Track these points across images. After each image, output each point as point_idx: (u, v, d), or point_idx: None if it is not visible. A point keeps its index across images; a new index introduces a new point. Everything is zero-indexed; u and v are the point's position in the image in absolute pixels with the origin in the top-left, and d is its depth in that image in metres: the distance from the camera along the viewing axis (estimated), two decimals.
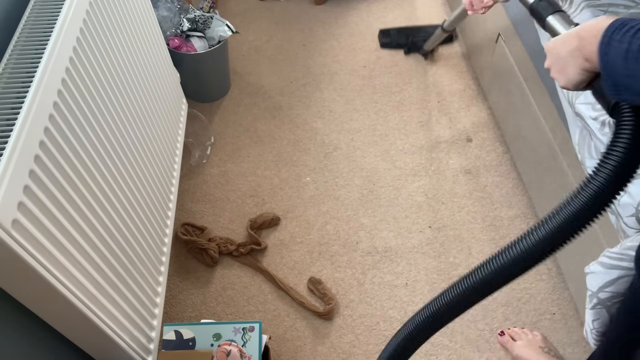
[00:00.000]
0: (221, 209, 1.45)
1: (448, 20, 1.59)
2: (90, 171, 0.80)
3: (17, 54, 0.73)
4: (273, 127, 1.65)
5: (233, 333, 1.00)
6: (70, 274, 0.72)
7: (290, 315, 1.25)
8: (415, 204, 1.45)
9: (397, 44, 1.87)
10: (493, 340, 1.20)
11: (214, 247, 1.32)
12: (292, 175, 1.53)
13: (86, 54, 0.83)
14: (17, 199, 0.60)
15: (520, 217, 1.40)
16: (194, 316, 1.25)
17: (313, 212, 1.44)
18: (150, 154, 1.11)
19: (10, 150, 0.60)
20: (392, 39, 1.88)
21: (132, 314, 0.92)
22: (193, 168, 1.55)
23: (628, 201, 0.79)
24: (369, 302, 1.27)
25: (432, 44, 1.76)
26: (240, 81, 1.79)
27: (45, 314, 0.76)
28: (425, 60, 1.83)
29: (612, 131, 0.51)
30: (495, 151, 1.55)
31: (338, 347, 1.20)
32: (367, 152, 1.58)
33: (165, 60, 1.31)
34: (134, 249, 0.96)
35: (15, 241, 0.59)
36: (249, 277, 1.32)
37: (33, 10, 0.80)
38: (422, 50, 1.82)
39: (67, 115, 0.74)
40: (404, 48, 1.86)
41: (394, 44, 1.88)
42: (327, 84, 1.78)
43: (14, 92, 0.67)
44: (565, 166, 1.15)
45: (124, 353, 0.89)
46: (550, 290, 1.27)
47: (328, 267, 1.33)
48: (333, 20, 2.01)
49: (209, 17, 1.54)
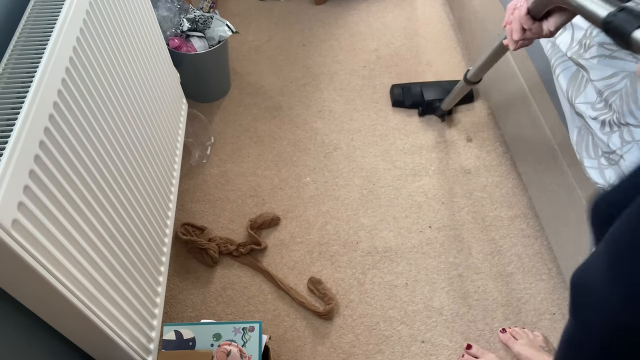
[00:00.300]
0: (221, 209, 1.45)
1: (472, 70, 1.30)
2: (90, 171, 0.80)
3: (17, 54, 0.73)
4: (273, 127, 1.65)
5: (233, 333, 1.00)
6: (70, 274, 0.72)
7: (290, 315, 1.25)
8: (415, 204, 1.45)
9: (411, 104, 1.66)
10: (493, 340, 1.20)
11: (214, 247, 1.32)
12: (292, 175, 1.53)
13: (86, 54, 0.83)
14: (17, 199, 0.60)
15: (520, 217, 1.40)
16: (194, 316, 1.25)
17: (313, 212, 1.44)
18: (150, 154, 1.11)
19: (10, 150, 0.60)
20: (405, 98, 1.67)
21: (132, 314, 0.92)
22: (193, 168, 1.55)
23: None
24: (369, 302, 1.27)
25: (452, 102, 1.52)
26: (240, 81, 1.79)
27: (45, 314, 0.76)
28: (442, 122, 1.63)
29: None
30: (495, 151, 1.55)
31: (338, 347, 1.20)
32: (367, 152, 1.58)
33: (165, 60, 1.31)
34: (134, 249, 0.96)
35: (15, 241, 0.59)
36: (249, 277, 1.32)
37: (33, 10, 0.80)
38: (439, 111, 1.61)
39: (67, 115, 0.74)
40: (419, 108, 1.66)
41: (407, 104, 1.67)
42: (327, 84, 1.78)
43: (14, 92, 0.67)
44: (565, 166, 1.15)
45: (124, 353, 0.89)
46: (550, 290, 1.27)
47: (328, 267, 1.33)
48: (333, 20, 2.01)
49: (209, 17, 1.54)
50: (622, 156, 0.81)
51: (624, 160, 0.81)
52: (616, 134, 0.83)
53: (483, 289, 1.28)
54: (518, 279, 1.29)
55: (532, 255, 1.34)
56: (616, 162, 0.83)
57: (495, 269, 1.32)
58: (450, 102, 1.52)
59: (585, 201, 1.07)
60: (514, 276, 1.30)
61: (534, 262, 1.32)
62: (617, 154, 0.83)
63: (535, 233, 1.37)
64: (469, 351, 1.17)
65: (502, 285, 1.29)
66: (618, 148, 0.82)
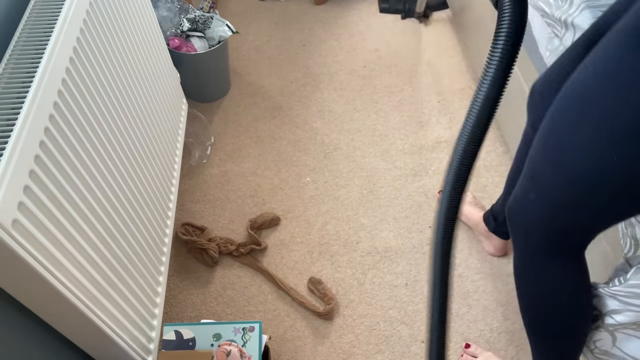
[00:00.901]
0: (221, 209, 1.45)
1: None
2: (90, 171, 0.80)
3: (17, 54, 0.73)
4: (273, 127, 1.65)
5: (233, 333, 1.00)
6: (71, 274, 0.72)
7: (290, 315, 1.25)
8: (415, 204, 1.45)
9: (395, 10, 2.01)
10: (493, 340, 1.20)
11: (214, 247, 1.32)
12: (292, 175, 1.53)
13: (86, 54, 0.83)
14: (17, 199, 0.60)
15: None
16: (194, 316, 1.25)
17: (313, 212, 1.44)
18: (151, 154, 1.11)
19: (10, 150, 0.60)
20: (390, 5, 2.02)
21: (132, 314, 0.92)
22: (193, 168, 1.55)
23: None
24: (369, 302, 1.27)
25: (422, 1, 1.88)
26: (240, 81, 1.79)
27: (45, 314, 0.76)
28: (419, 23, 1.96)
29: None
30: (495, 151, 1.55)
31: (338, 347, 1.20)
32: (367, 152, 1.58)
33: (165, 60, 1.31)
34: (134, 249, 0.96)
35: (15, 241, 0.59)
36: (249, 277, 1.32)
37: (33, 10, 0.80)
38: (416, 13, 1.94)
39: (67, 115, 0.74)
40: (401, 13, 1.99)
41: (392, 10, 2.01)
42: (327, 84, 1.78)
43: (14, 92, 0.67)
44: None
45: (124, 353, 0.89)
46: None
47: (328, 267, 1.33)
48: (333, 20, 2.01)
49: (209, 17, 1.54)
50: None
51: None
52: None
53: (483, 289, 1.28)
54: None
55: None
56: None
57: (495, 269, 1.32)
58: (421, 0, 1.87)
59: None
60: None
61: None
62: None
63: None
64: (468, 350, 1.17)
65: (502, 285, 1.29)
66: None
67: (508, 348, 1.19)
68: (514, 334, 1.21)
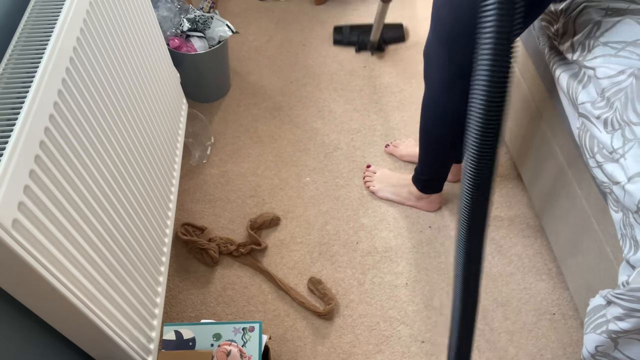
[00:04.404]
0: (221, 209, 1.45)
1: None
2: (90, 171, 0.80)
3: (17, 54, 0.73)
4: (273, 127, 1.65)
5: (233, 333, 1.00)
6: (71, 274, 0.72)
7: (290, 315, 1.25)
8: None
9: (348, 42, 1.90)
10: (493, 340, 1.20)
11: (214, 247, 1.32)
12: (292, 175, 1.53)
13: (86, 54, 0.83)
14: (17, 199, 0.60)
15: (520, 217, 1.40)
16: (194, 316, 1.25)
17: (313, 212, 1.44)
18: (151, 154, 1.11)
19: (10, 150, 0.60)
20: (344, 37, 1.91)
21: (132, 314, 0.92)
22: (193, 168, 1.55)
23: None
24: (369, 302, 1.27)
25: (376, 31, 1.78)
26: (240, 81, 1.79)
27: (45, 314, 0.76)
28: (372, 55, 1.86)
29: None
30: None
31: (338, 347, 1.20)
32: (367, 152, 1.58)
33: (165, 60, 1.31)
34: (134, 249, 0.96)
35: (15, 241, 0.59)
36: (249, 277, 1.32)
37: (33, 10, 0.80)
38: (370, 44, 1.84)
39: (67, 115, 0.74)
40: (355, 46, 1.89)
41: (345, 42, 1.90)
42: (327, 84, 1.78)
43: (14, 92, 0.67)
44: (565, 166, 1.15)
45: (124, 353, 0.89)
46: (550, 290, 1.27)
47: (328, 267, 1.33)
48: (333, 20, 2.01)
49: (209, 17, 1.54)
50: (624, 155, 0.82)
51: (624, 160, 0.81)
52: (618, 133, 0.84)
53: (483, 289, 1.28)
54: (518, 279, 1.30)
55: (532, 255, 1.34)
56: (616, 161, 0.84)
57: (495, 269, 1.32)
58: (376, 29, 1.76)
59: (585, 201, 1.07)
60: (514, 276, 1.30)
61: (534, 262, 1.32)
62: (618, 152, 0.83)
63: (535, 233, 1.37)
64: (369, 169, 1.48)
65: (502, 285, 1.29)
66: (620, 147, 0.82)
67: (508, 348, 1.19)
68: (513, 334, 1.21)
